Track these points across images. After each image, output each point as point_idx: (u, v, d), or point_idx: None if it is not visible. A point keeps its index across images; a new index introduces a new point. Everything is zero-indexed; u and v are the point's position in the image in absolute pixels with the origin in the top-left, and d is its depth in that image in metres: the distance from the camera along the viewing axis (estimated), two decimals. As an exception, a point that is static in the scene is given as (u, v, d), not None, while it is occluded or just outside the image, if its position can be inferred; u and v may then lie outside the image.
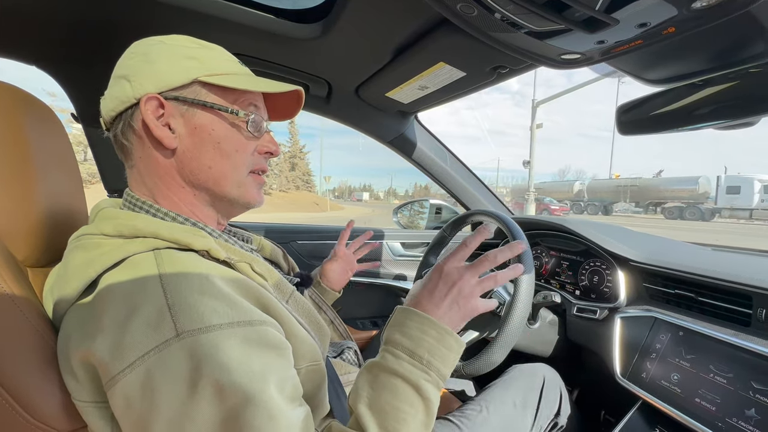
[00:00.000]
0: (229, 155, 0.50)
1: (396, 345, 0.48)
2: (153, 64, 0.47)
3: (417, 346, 0.47)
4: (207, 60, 0.49)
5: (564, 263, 1.16)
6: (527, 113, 13.65)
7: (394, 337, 0.49)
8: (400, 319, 0.50)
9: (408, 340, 0.48)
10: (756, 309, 0.70)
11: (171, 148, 0.48)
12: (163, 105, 0.47)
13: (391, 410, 0.44)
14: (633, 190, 27.41)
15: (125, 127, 0.48)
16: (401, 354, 0.47)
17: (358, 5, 0.72)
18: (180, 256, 0.43)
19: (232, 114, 0.50)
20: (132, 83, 0.46)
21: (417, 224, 1.83)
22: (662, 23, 0.51)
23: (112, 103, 0.48)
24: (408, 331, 0.48)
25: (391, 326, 0.51)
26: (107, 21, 0.79)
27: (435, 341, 0.47)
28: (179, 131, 0.48)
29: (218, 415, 0.35)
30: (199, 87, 0.48)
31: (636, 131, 0.73)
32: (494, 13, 0.56)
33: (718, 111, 0.61)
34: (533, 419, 0.82)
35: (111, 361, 0.36)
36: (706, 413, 0.66)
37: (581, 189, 31.46)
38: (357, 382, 0.49)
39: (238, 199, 0.53)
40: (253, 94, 0.53)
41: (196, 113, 0.48)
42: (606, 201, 29.20)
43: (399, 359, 0.46)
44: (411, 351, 0.47)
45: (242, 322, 0.39)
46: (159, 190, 0.50)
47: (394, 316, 0.52)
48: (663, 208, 25.19)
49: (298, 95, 0.57)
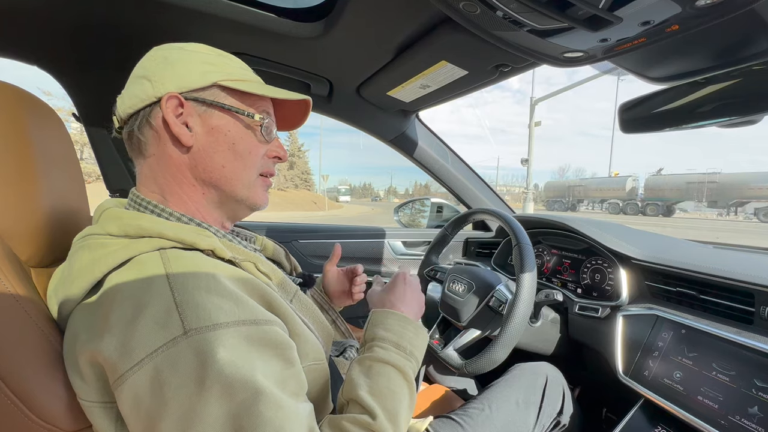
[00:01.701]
0: (242, 156, 0.53)
1: (383, 340, 0.55)
2: (174, 66, 0.49)
3: (400, 338, 0.56)
4: (224, 66, 0.52)
5: (565, 261, 1.16)
6: (528, 111, 13.65)
7: (379, 334, 0.56)
8: (380, 319, 0.59)
9: (392, 335, 0.56)
10: (758, 307, 0.70)
11: (187, 146, 0.50)
12: (183, 104, 0.49)
13: (389, 393, 0.49)
14: (711, 187, 23.46)
15: (143, 124, 0.50)
16: (389, 347, 0.54)
17: (360, 4, 0.72)
18: (186, 255, 0.43)
19: (248, 117, 0.52)
20: (153, 83, 0.48)
21: (418, 223, 1.83)
22: (666, 21, 0.51)
23: (131, 100, 0.49)
24: (391, 328, 0.57)
25: (373, 325, 0.58)
26: (109, 21, 0.79)
27: (412, 334, 0.57)
28: (196, 130, 0.50)
29: (226, 411, 0.35)
30: (218, 90, 0.51)
31: (638, 129, 0.73)
32: (497, 11, 0.56)
33: (720, 109, 0.61)
34: (536, 418, 0.82)
35: (119, 359, 0.36)
36: (709, 411, 0.66)
37: (634, 186, 27.49)
38: (350, 374, 0.52)
39: (246, 199, 0.55)
40: (265, 102, 0.56)
41: (213, 114, 0.51)
42: (670, 200, 24.91)
43: (388, 351, 0.54)
44: (396, 343, 0.55)
45: (248, 320, 0.40)
46: (169, 186, 0.51)
47: (373, 318, 0.60)
48: (756, 209, 21.14)
49: (306, 106, 0.61)
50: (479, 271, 1.01)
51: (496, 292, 0.93)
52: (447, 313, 1.04)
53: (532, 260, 0.85)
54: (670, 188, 24.80)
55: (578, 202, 32.27)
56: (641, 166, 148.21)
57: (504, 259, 1.35)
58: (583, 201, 32.38)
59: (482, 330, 0.95)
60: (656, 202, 24.89)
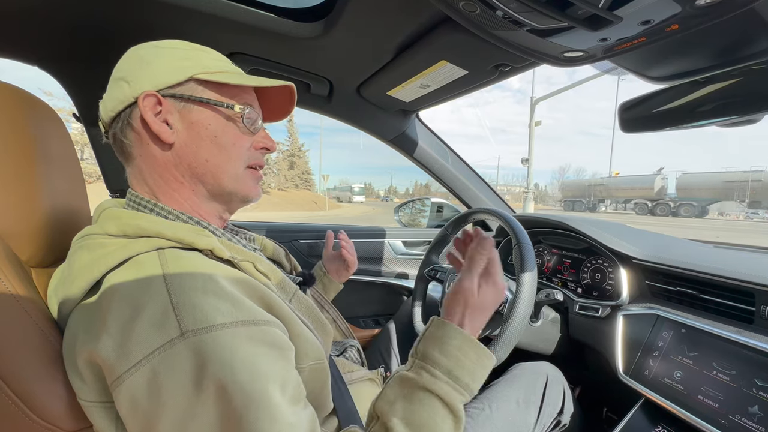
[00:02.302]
0: (226, 148, 0.52)
1: (434, 364, 0.48)
2: (149, 65, 0.49)
3: (456, 366, 0.48)
4: (201, 59, 0.51)
5: (566, 261, 1.16)
6: (528, 111, 13.64)
7: (433, 355, 0.49)
8: (438, 336, 0.50)
9: (447, 359, 0.48)
10: (759, 306, 0.70)
11: (169, 143, 0.49)
12: (161, 102, 0.48)
13: (426, 427, 0.44)
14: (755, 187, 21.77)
15: (124, 126, 0.49)
16: (439, 374, 0.47)
17: (360, 4, 0.72)
18: (184, 255, 0.43)
19: (227, 108, 0.51)
20: (130, 84, 0.48)
21: (418, 222, 1.83)
22: (666, 20, 0.51)
23: (111, 103, 0.49)
24: (449, 351, 0.48)
25: (428, 339, 0.51)
26: (109, 21, 0.79)
27: (472, 362, 0.48)
28: (176, 127, 0.50)
29: (221, 414, 0.35)
30: (195, 84, 0.50)
31: (638, 129, 0.72)
32: (496, 10, 0.56)
33: (721, 108, 0.61)
34: (536, 417, 0.82)
35: (116, 360, 0.36)
36: (709, 410, 0.66)
37: (663, 185, 25.48)
38: (387, 391, 0.49)
39: (235, 191, 0.54)
40: (247, 93, 0.55)
41: (192, 109, 0.50)
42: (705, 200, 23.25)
43: (437, 379, 0.47)
44: (449, 371, 0.47)
45: (246, 321, 0.39)
46: (159, 186, 0.51)
47: (431, 329, 0.52)
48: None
49: (290, 94, 0.59)
50: None
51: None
52: (447, 313, 1.04)
53: (533, 260, 0.85)
54: (704, 187, 23.10)
55: (599, 202, 30.68)
56: (641, 166, 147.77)
57: (504, 259, 1.35)
58: (605, 201, 30.72)
59: (482, 330, 0.95)
60: (691, 202, 23.10)
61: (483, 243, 0.61)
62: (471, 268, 0.58)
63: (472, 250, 0.60)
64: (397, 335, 1.16)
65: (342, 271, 0.98)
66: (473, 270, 0.58)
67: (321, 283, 0.98)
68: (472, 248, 0.61)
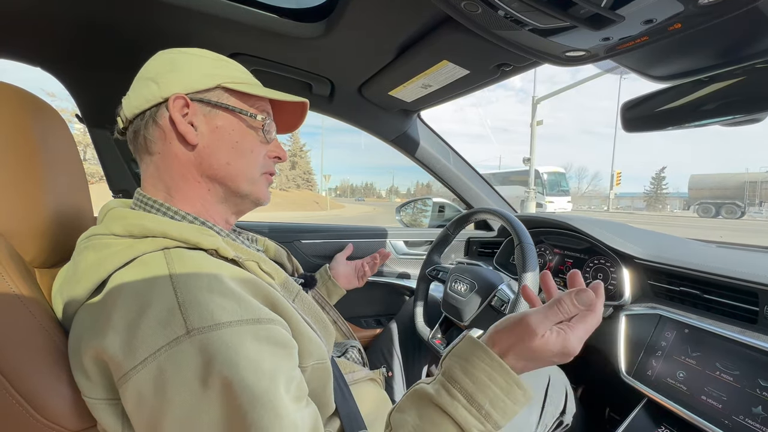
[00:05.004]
0: (245, 154, 0.55)
1: (454, 383, 0.43)
2: (180, 70, 0.52)
3: (478, 391, 0.41)
4: (226, 70, 0.54)
5: (568, 261, 1.15)
6: (530, 110, 13.62)
7: (454, 373, 0.43)
8: (466, 353, 0.44)
9: (469, 381, 0.42)
10: (762, 306, 0.70)
11: (192, 144, 0.51)
12: (189, 105, 0.51)
13: None
14: None
15: (149, 123, 0.51)
16: (458, 395, 0.42)
17: (361, 4, 0.72)
18: (189, 254, 0.43)
19: (250, 117, 0.55)
20: (159, 84, 0.50)
21: (420, 222, 1.83)
22: (668, 19, 0.50)
23: (137, 101, 0.51)
24: (472, 371, 0.42)
25: (454, 355, 0.46)
26: (111, 22, 0.79)
27: (501, 391, 0.41)
28: (201, 129, 0.52)
29: (226, 411, 0.36)
30: (222, 92, 0.53)
31: (641, 128, 0.72)
32: (498, 10, 0.56)
33: (724, 107, 0.60)
34: (538, 417, 0.82)
35: (123, 358, 0.37)
36: (713, 411, 0.66)
37: None
38: (404, 402, 0.46)
39: (249, 195, 0.57)
40: (265, 104, 0.58)
41: (217, 114, 0.53)
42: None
43: (454, 400, 0.42)
44: (470, 395, 0.41)
45: (251, 319, 0.40)
46: (175, 183, 0.52)
47: (460, 345, 0.46)
48: None
49: (303, 109, 0.63)
50: (481, 271, 1.01)
51: (498, 292, 0.93)
52: (449, 313, 1.04)
53: (535, 260, 0.85)
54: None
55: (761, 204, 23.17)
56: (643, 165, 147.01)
57: (506, 259, 1.34)
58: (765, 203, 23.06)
59: (485, 330, 0.95)
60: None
61: (585, 297, 0.45)
62: (553, 311, 0.45)
63: (569, 296, 0.45)
64: (398, 335, 1.17)
65: (352, 281, 1.03)
66: (552, 316, 0.44)
67: (324, 286, 0.98)
68: (572, 294, 0.46)
